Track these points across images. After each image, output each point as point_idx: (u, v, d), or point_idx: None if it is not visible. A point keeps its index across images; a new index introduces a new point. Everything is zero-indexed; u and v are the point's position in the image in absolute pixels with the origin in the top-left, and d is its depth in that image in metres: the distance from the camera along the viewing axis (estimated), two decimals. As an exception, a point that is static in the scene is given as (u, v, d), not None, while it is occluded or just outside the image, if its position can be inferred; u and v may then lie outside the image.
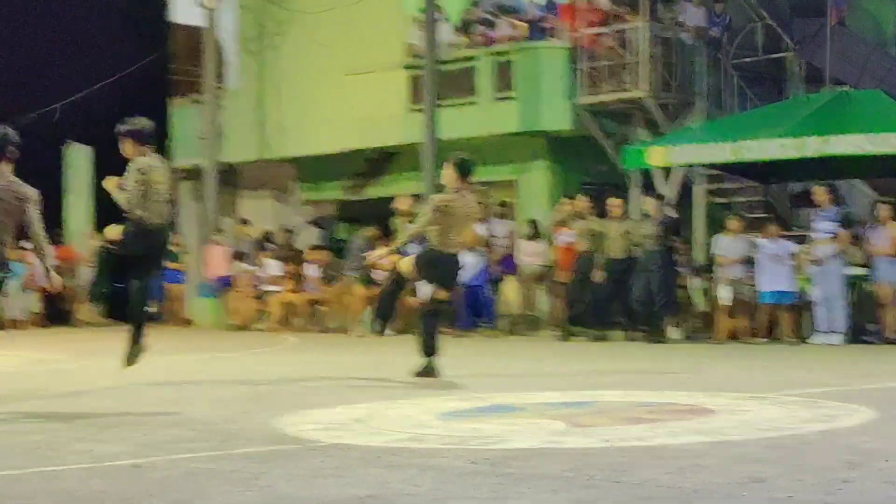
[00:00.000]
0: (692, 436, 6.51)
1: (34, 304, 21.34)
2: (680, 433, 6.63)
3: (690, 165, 17.73)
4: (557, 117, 19.27)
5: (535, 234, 17.84)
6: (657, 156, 17.00)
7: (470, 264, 17.05)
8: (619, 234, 15.90)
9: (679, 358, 12.85)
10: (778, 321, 15.45)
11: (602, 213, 16.68)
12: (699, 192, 18.79)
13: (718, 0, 19.58)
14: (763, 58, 19.68)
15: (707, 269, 17.17)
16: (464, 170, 10.18)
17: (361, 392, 9.21)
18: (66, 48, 25.47)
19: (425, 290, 11.60)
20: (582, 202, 16.94)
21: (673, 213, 16.81)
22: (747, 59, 19.54)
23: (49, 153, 24.22)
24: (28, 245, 22.01)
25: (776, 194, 19.43)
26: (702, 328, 16.88)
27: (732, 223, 15.95)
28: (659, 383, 9.79)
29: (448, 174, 10.22)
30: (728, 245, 15.84)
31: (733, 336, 15.55)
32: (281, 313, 19.97)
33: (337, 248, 20.19)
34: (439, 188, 18.78)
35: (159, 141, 25.93)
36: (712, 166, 17.85)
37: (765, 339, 15.37)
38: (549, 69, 19.29)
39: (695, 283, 17.32)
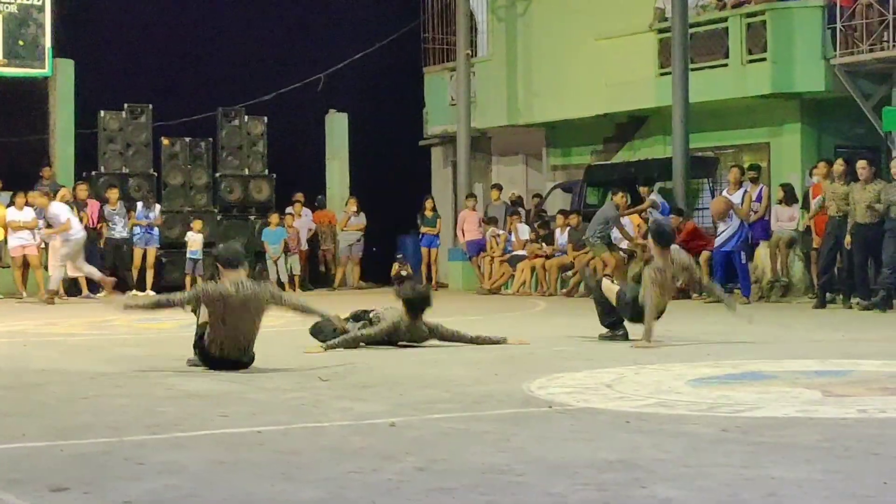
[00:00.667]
0: (955, 408, 6.24)
1: (295, 266, 22.12)
2: (942, 405, 6.37)
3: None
4: (812, 79, 18.70)
5: (790, 199, 17.35)
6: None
7: (723, 231, 16.78)
8: (868, 197, 15.20)
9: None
10: None
11: (856, 177, 16.00)
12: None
13: None
14: None
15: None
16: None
17: (610, 356, 9.19)
18: (325, 20, 26.22)
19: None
20: (840, 166, 16.34)
21: None
22: None
23: (313, 121, 25.07)
24: (290, 210, 22.90)
25: None
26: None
27: None
28: (920, 353, 9.41)
29: None
30: None
31: None
32: (530, 277, 20.11)
33: (586, 213, 20.15)
34: (688, 152, 18.61)
35: (417, 109, 26.59)
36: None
37: None
38: (803, 29, 18.73)
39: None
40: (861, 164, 15.49)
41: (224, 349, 8.35)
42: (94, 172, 22.13)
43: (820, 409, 6.25)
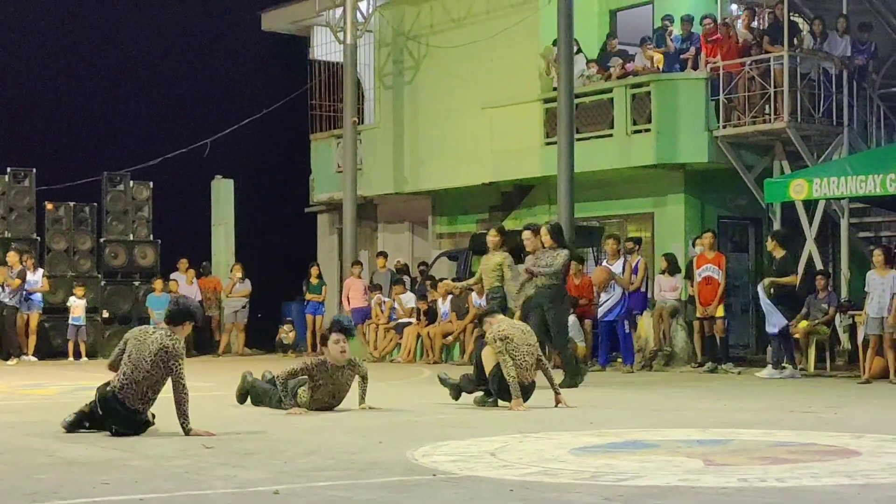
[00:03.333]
0: (836, 478, 6.35)
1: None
2: (822, 475, 6.48)
3: (838, 199, 17.32)
4: (695, 150, 19.03)
5: (673, 269, 17.69)
6: (801, 188, 16.61)
7: (606, 300, 17.01)
8: None
9: (822, 397, 12.58)
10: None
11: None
12: (843, 226, 18.39)
13: (863, 29, 19.18)
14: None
15: (851, 306, 16.81)
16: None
17: (494, 425, 9.24)
18: (212, 86, 26.20)
19: None
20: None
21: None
22: (894, 89, 19.13)
23: (199, 187, 24.93)
24: (174, 276, 22.70)
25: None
26: (845, 366, 16.53)
27: (878, 257, 15.32)
28: (799, 422, 9.61)
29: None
30: (875, 280, 15.24)
31: (881, 375, 14.98)
32: (415, 345, 20.17)
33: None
34: (573, 222, 18.89)
35: (303, 176, 26.67)
36: (858, 199, 17.43)
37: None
38: (687, 101, 19.08)
39: (839, 320, 16.97)
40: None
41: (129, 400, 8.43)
42: (-26, 237, 21.75)
43: (701, 479, 6.34)
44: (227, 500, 5.70)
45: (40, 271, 21.06)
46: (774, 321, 15.61)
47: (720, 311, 16.94)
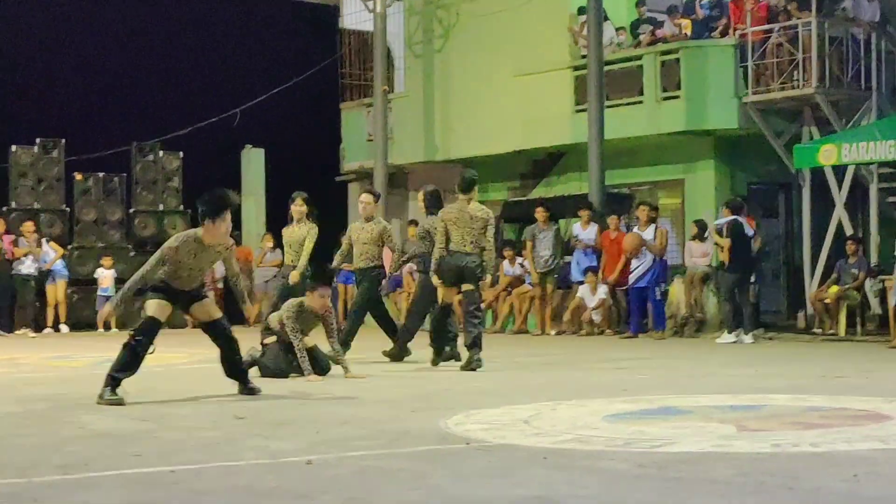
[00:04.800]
0: (868, 442, 6.30)
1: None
2: (855, 439, 6.43)
3: (867, 164, 17.18)
4: (724, 116, 18.90)
5: (702, 235, 17.58)
6: (830, 154, 16.51)
7: (637, 267, 16.94)
8: None
9: (853, 361, 12.49)
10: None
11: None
12: (873, 191, 18.24)
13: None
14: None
15: (881, 271, 16.67)
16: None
17: (527, 393, 9.20)
18: (242, 55, 26.12)
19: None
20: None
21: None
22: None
23: (229, 156, 24.91)
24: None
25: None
26: (875, 330, 16.41)
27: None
28: (831, 387, 9.54)
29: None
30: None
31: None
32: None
33: (500, 249, 20.22)
34: (603, 189, 18.78)
35: (333, 145, 26.53)
36: (888, 164, 17.29)
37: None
38: (716, 67, 18.92)
39: (869, 285, 16.83)
40: None
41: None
42: (4, 208, 21.77)
43: (734, 444, 6.29)
44: (260, 470, 5.68)
45: (44, 241, 20.95)
46: None
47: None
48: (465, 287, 11.67)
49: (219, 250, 8.85)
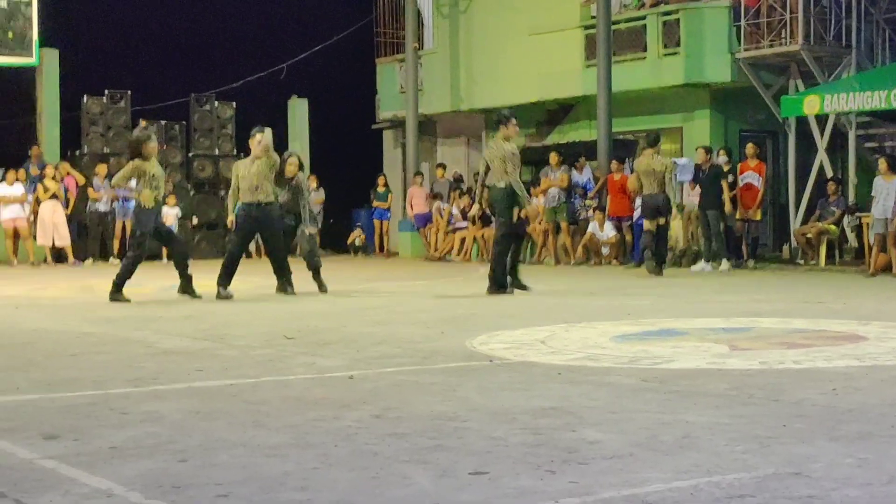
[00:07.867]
0: (845, 360, 6.30)
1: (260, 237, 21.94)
2: (834, 357, 6.43)
3: (847, 113, 17.05)
4: (719, 70, 18.82)
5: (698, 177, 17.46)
6: (813, 104, 16.42)
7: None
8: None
9: (832, 289, 12.45)
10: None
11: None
12: (851, 138, 18.12)
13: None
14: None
15: (858, 209, 16.56)
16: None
17: (543, 316, 9.22)
18: (289, 15, 26.00)
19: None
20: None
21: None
22: (899, 14, 18.65)
23: (277, 106, 24.88)
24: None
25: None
26: (852, 261, 16.33)
27: (883, 165, 15.12)
28: (813, 311, 9.52)
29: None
30: (881, 185, 15.04)
31: (886, 269, 14.83)
32: (471, 246, 20.14)
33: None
34: (611, 136, 18.68)
35: (370, 96, 26.37)
36: (865, 113, 17.15)
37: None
38: (713, 26, 18.85)
39: (847, 221, 16.74)
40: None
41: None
42: (77, 152, 21.85)
43: (727, 362, 6.30)
44: (307, 384, 5.73)
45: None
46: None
47: (758, 215, 16.87)
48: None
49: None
